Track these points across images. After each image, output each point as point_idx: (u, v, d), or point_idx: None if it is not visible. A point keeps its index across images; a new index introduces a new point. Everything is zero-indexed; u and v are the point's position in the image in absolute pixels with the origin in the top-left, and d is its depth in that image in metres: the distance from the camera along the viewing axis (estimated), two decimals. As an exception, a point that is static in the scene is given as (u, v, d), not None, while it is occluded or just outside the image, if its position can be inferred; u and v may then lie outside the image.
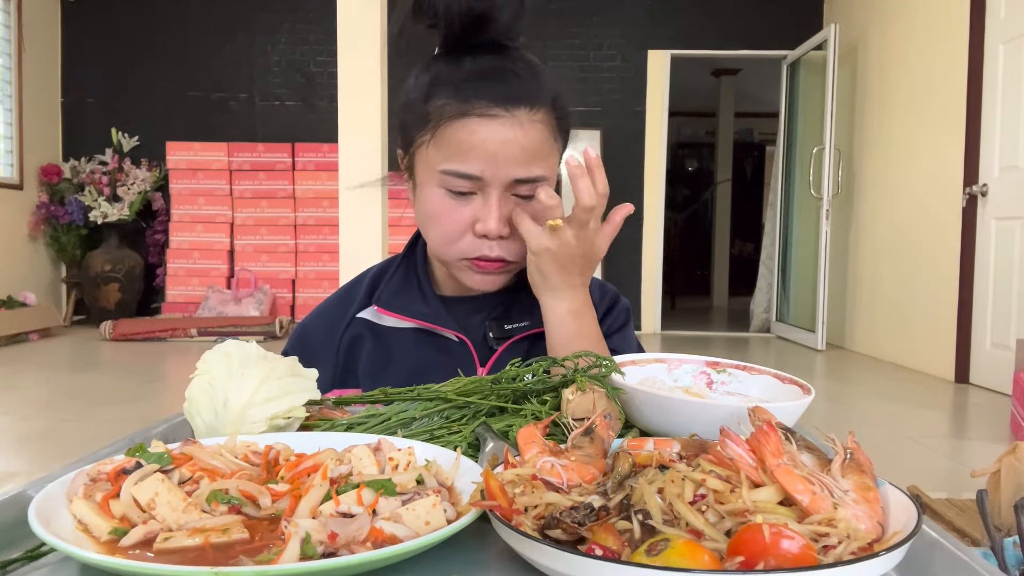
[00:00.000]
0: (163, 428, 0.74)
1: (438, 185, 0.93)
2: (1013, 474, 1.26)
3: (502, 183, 0.91)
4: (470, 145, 0.90)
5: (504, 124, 0.89)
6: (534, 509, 0.46)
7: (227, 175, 6.65)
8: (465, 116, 0.90)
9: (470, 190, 0.92)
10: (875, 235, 5.72)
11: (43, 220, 6.61)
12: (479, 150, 0.89)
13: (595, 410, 0.63)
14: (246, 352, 0.68)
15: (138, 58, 6.88)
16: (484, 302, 1.04)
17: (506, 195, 0.92)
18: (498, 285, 0.99)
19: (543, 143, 0.92)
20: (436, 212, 0.95)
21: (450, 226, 0.94)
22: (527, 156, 0.90)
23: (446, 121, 0.91)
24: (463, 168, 0.90)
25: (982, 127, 4.44)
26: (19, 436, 3.17)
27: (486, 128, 0.89)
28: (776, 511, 0.44)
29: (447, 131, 0.91)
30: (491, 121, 0.89)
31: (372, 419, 0.69)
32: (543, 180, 0.93)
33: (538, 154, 0.92)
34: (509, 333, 1.01)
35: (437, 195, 0.94)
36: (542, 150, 0.92)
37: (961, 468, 2.78)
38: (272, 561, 0.41)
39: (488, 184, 0.91)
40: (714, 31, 6.73)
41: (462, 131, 0.90)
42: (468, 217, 0.93)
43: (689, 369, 0.79)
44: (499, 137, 0.89)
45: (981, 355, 4.47)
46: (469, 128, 0.90)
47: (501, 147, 0.89)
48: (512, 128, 0.90)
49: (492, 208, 0.91)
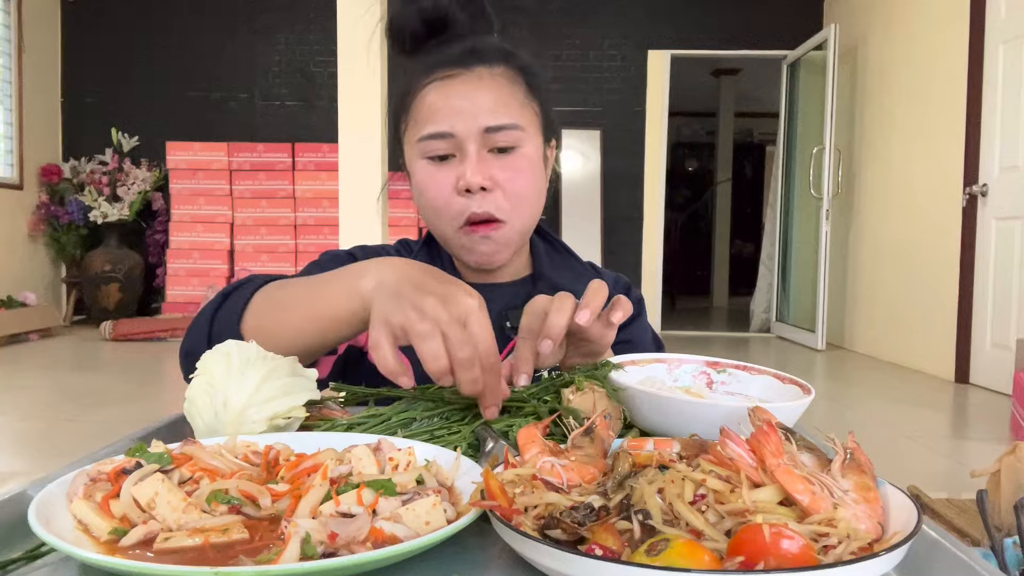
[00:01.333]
0: (163, 428, 0.74)
1: (420, 157, 0.95)
2: (1013, 474, 1.26)
3: (474, 135, 0.92)
4: (437, 107, 0.93)
5: (465, 81, 0.93)
6: (534, 509, 0.46)
7: (227, 175, 6.65)
8: (428, 84, 0.94)
9: (447, 151, 0.94)
10: (875, 235, 5.72)
11: (43, 220, 6.61)
12: (445, 109, 0.93)
13: (595, 410, 0.63)
14: (246, 352, 0.68)
15: (138, 58, 6.88)
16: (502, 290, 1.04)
17: (483, 151, 0.93)
18: (499, 258, 0.98)
19: (510, 94, 0.95)
20: (423, 185, 0.96)
21: (435, 192, 0.95)
22: (493, 104, 0.93)
23: (415, 94, 0.95)
24: (433, 128, 0.93)
25: (982, 127, 4.44)
26: (19, 436, 3.17)
27: (447, 87, 0.93)
28: (776, 511, 0.44)
29: (417, 104, 0.95)
30: (452, 81, 0.94)
31: (372, 419, 0.69)
32: (516, 129, 0.94)
33: (506, 104, 0.94)
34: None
35: (421, 167, 0.96)
36: (510, 101, 0.94)
37: (961, 468, 2.78)
38: (272, 561, 0.41)
39: (462, 140, 0.92)
40: (714, 31, 6.73)
41: (428, 98, 0.94)
42: (451, 180, 0.94)
43: (689, 369, 0.79)
44: (461, 92, 0.93)
45: (981, 355, 4.47)
46: (433, 91, 0.94)
47: (465, 101, 0.92)
48: (472, 82, 0.93)
49: (470, 161, 0.92)
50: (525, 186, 0.96)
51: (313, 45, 6.82)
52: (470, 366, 0.64)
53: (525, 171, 0.95)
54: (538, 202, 1.00)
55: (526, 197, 0.97)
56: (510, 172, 0.94)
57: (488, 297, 1.00)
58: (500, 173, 0.94)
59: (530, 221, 1.00)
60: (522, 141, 0.95)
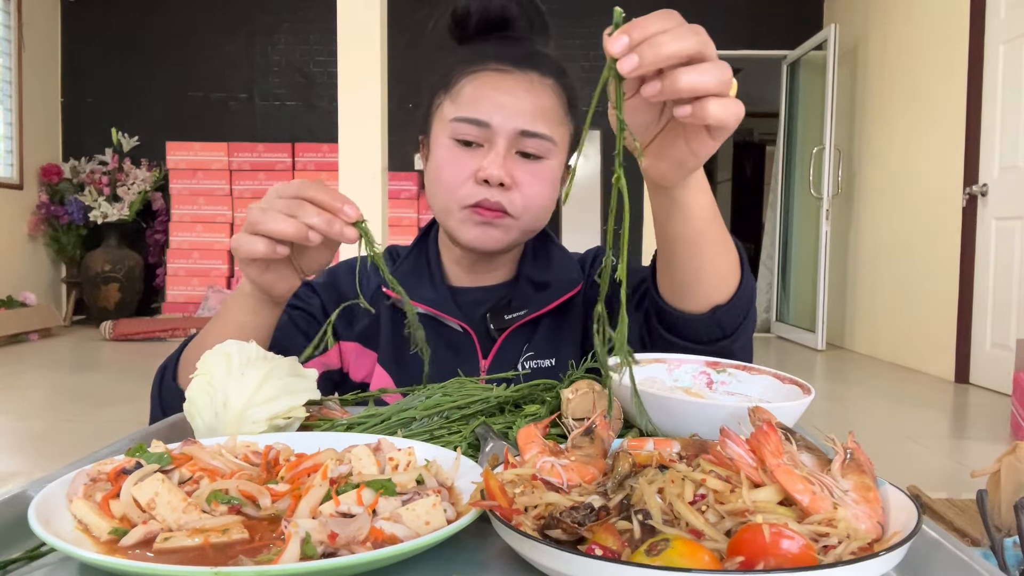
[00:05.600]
0: (163, 428, 0.74)
1: (448, 136, 0.96)
2: (1013, 474, 1.26)
3: (508, 134, 0.93)
4: (481, 94, 0.94)
5: (516, 79, 0.95)
6: (534, 509, 0.46)
7: (227, 175, 6.65)
8: (480, 72, 0.96)
9: (477, 139, 0.95)
10: (875, 235, 5.72)
11: (43, 220, 6.61)
12: (489, 99, 0.94)
13: (595, 410, 0.63)
14: (246, 352, 0.68)
15: (138, 58, 6.88)
16: (489, 293, 1.05)
17: (511, 150, 0.95)
18: (496, 242, 0.98)
19: (552, 108, 0.96)
20: (443, 162, 0.97)
21: (454, 172, 0.96)
22: (535, 111, 0.94)
23: (463, 76, 0.96)
24: (472, 114, 0.94)
25: (982, 127, 4.44)
26: (19, 436, 3.17)
27: (498, 79, 0.95)
28: (776, 511, 0.44)
29: (463, 84, 0.96)
30: (504, 75, 0.95)
31: (372, 419, 0.69)
32: (549, 141, 0.95)
33: (547, 114, 0.95)
34: (509, 323, 1.02)
35: (445, 145, 0.97)
36: (551, 114, 0.96)
37: (961, 468, 2.78)
38: (272, 561, 0.41)
39: (495, 133, 0.93)
40: (714, 31, 6.67)
41: (476, 83, 0.95)
42: (472, 166, 0.95)
43: (689, 369, 0.79)
44: (510, 89, 0.94)
45: (981, 355, 4.47)
46: (482, 80, 0.95)
47: (511, 98, 0.94)
48: (523, 84, 0.95)
49: (497, 155, 0.93)
50: (542, 193, 0.97)
51: (313, 45, 6.82)
52: (314, 214, 0.73)
53: (545, 180, 0.96)
54: (547, 212, 1.01)
55: (540, 204, 0.98)
56: (531, 177, 0.96)
57: (474, 299, 1.05)
58: (522, 175, 0.95)
59: (536, 225, 1.01)
60: (550, 154, 0.96)
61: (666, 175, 0.70)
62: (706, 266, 0.80)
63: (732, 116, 0.61)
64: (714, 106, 0.59)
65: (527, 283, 1.04)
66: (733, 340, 0.85)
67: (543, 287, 1.04)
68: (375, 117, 4.13)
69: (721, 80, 0.59)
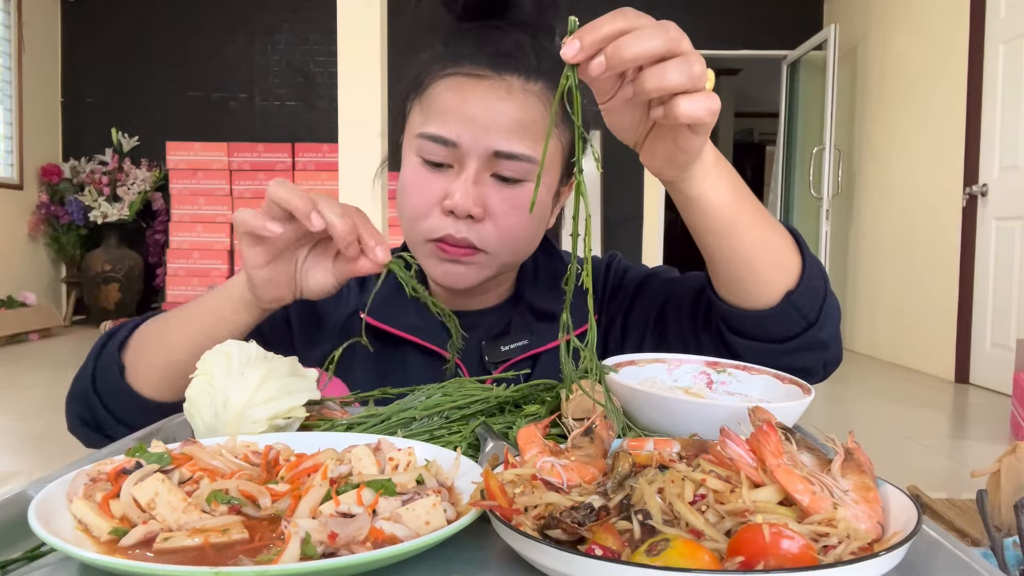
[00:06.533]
0: (163, 428, 0.74)
1: (415, 153, 0.82)
2: (1013, 474, 1.26)
3: (480, 154, 0.79)
4: (449, 105, 0.79)
5: (491, 87, 0.79)
6: (534, 509, 0.46)
7: (227, 175, 6.65)
8: (451, 75, 0.80)
9: (445, 160, 0.81)
10: (875, 235, 5.72)
11: (43, 220, 6.61)
12: (458, 112, 0.79)
13: (595, 410, 0.63)
14: (246, 352, 0.68)
15: (138, 58, 6.88)
16: (481, 318, 0.93)
17: (484, 173, 0.80)
18: (467, 281, 0.85)
19: (536, 120, 0.80)
20: (407, 184, 0.83)
21: (417, 199, 0.82)
22: (513, 126, 0.79)
23: (433, 79, 0.82)
24: (438, 130, 0.79)
25: (982, 127, 4.44)
26: (19, 436, 3.17)
27: (470, 87, 0.79)
28: (776, 511, 0.44)
29: (432, 90, 0.82)
30: (477, 82, 0.79)
31: (372, 419, 0.69)
32: (529, 161, 0.80)
33: (527, 129, 0.79)
34: (506, 355, 0.89)
35: (411, 164, 0.83)
36: (533, 127, 0.80)
37: (961, 468, 2.78)
38: (272, 561, 0.41)
39: (465, 154, 0.79)
40: (714, 31, 6.73)
41: (445, 90, 0.80)
42: (438, 192, 0.81)
43: (689, 369, 0.79)
44: (482, 100, 0.79)
45: (981, 355, 4.47)
46: (452, 87, 0.80)
47: (483, 111, 0.78)
48: (499, 93, 0.79)
49: (464, 181, 0.79)
50: (520, 225, 0.83)
51: (313, 45, 6.82)
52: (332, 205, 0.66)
53: (525, 208, 0.81)
54: (533, 242, 0.88)
55: (518, 236, 0.84)
56: (508, 206, 0.81)
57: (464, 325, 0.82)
58: (497, 203, 0.81)
59: (516, 258, 0.88)
60: (532, 176, 0.81)
61: (662, 171, 0.67)
62: (753, 254, 0.73)
63: (704, 111, 0.57)
64: (684, 104, 0.57)
65: (527, 309, 0.92)
66: (820, 327, 0.77)
67: (547, 317, 0.91)
68: (375, 117, 4.13)
69: (690, 75, 0.55)
